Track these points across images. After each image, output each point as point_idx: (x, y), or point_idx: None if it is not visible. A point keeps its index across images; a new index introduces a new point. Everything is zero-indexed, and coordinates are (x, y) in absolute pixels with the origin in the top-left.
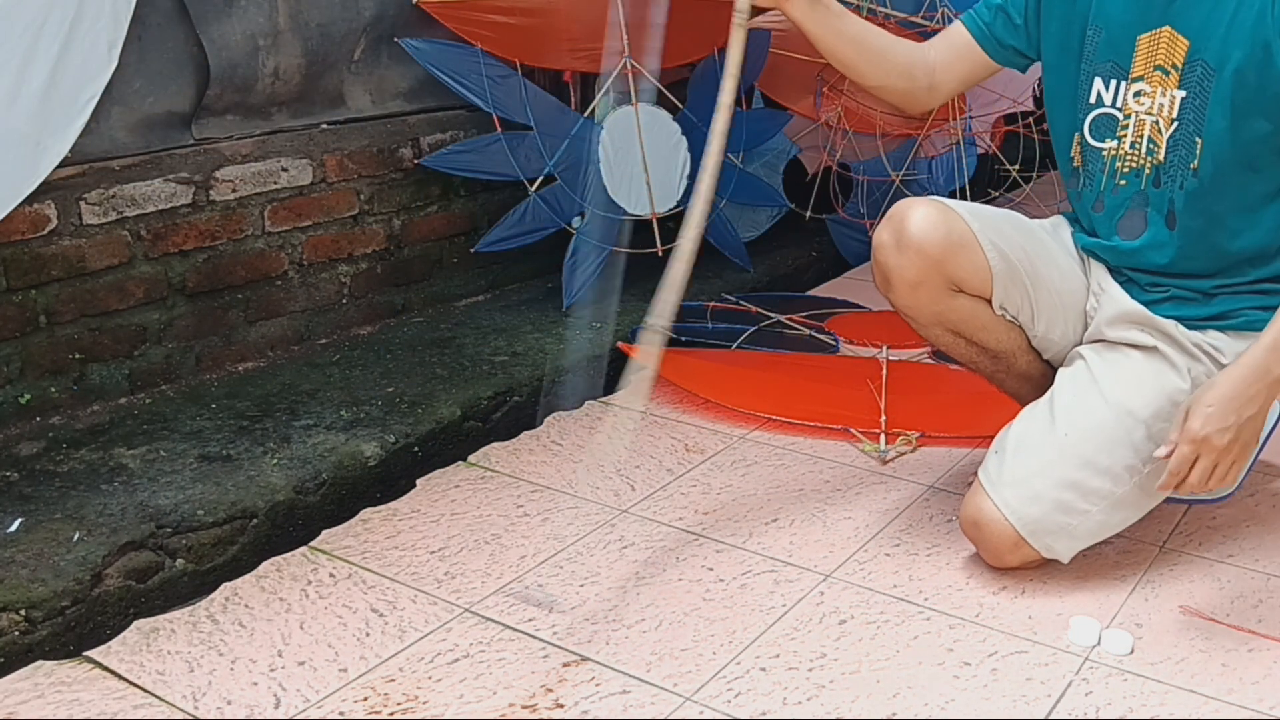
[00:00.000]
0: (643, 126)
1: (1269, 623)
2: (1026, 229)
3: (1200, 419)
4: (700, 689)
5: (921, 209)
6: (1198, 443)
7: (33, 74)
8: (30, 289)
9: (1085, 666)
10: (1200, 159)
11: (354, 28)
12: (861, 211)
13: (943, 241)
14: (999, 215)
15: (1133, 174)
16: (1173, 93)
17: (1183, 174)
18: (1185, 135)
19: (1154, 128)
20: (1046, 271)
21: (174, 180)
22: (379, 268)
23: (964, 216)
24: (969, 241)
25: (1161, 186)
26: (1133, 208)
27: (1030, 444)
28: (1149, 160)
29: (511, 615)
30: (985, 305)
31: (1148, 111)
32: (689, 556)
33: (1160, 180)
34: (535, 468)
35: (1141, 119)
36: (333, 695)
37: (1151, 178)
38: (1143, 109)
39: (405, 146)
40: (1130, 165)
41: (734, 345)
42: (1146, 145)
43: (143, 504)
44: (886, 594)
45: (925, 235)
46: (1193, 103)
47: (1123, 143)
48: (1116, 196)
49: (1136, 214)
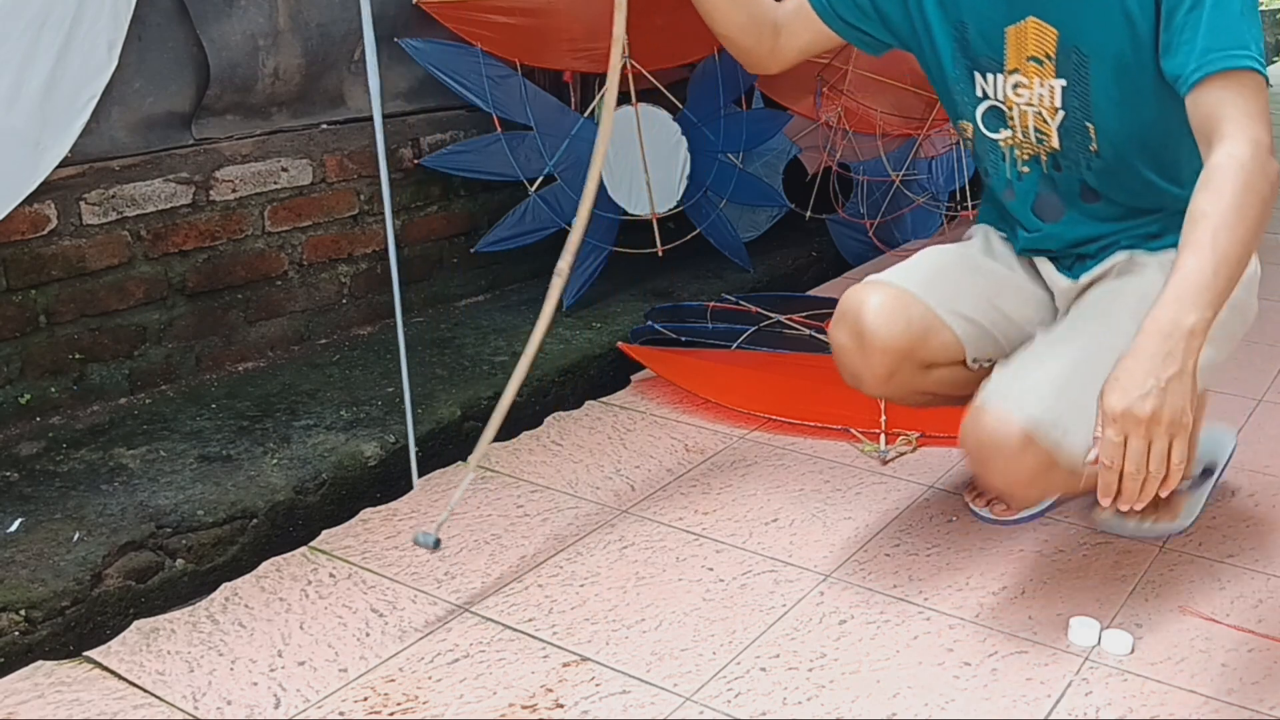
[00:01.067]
0: (643, 126)
1: (1269, 623)
2: (976, 268)
3: (1114, 393)
4: (700, 689)
5: (873, 301)
6: (1119, 419)
7: (33, 74)
8: (30, 289)
9: (1085, 666)
10: (1097, 142)
11: (354, 28)
12: (861, 211)
13: (905, 333)
14: (950, 267)
15: (1032, 160)
16: (1051, 82)
17: (1085, 157)
18: (1075, 122)
19: (1038, 118)
20: (1011, 306)
21: (174, 180)
22: (379, 268)
23: (917, 294)
24: (931, 322)
25: (1064, 170)
26: (1042, 192)
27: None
28: (1042, 148)
29: (511, 615)
30: (960, 367)
31: (1028, 103)
32: (689, 556)
33: (1060, 165)
34: (535, 468)
35: (1024, 110)
36: (333, 695)
37: (1050, 163)
38: (1023, 100)
39: (405, 146)
40: (1028, 153)
41: (734, 345)
42: (1035, 135)
43: (143, 504)
44: (886, 594)
45: (886, 332)
46: (1075, 90)
47: (1015, 132)
48: (1023, 183)
49: (1049, 197)
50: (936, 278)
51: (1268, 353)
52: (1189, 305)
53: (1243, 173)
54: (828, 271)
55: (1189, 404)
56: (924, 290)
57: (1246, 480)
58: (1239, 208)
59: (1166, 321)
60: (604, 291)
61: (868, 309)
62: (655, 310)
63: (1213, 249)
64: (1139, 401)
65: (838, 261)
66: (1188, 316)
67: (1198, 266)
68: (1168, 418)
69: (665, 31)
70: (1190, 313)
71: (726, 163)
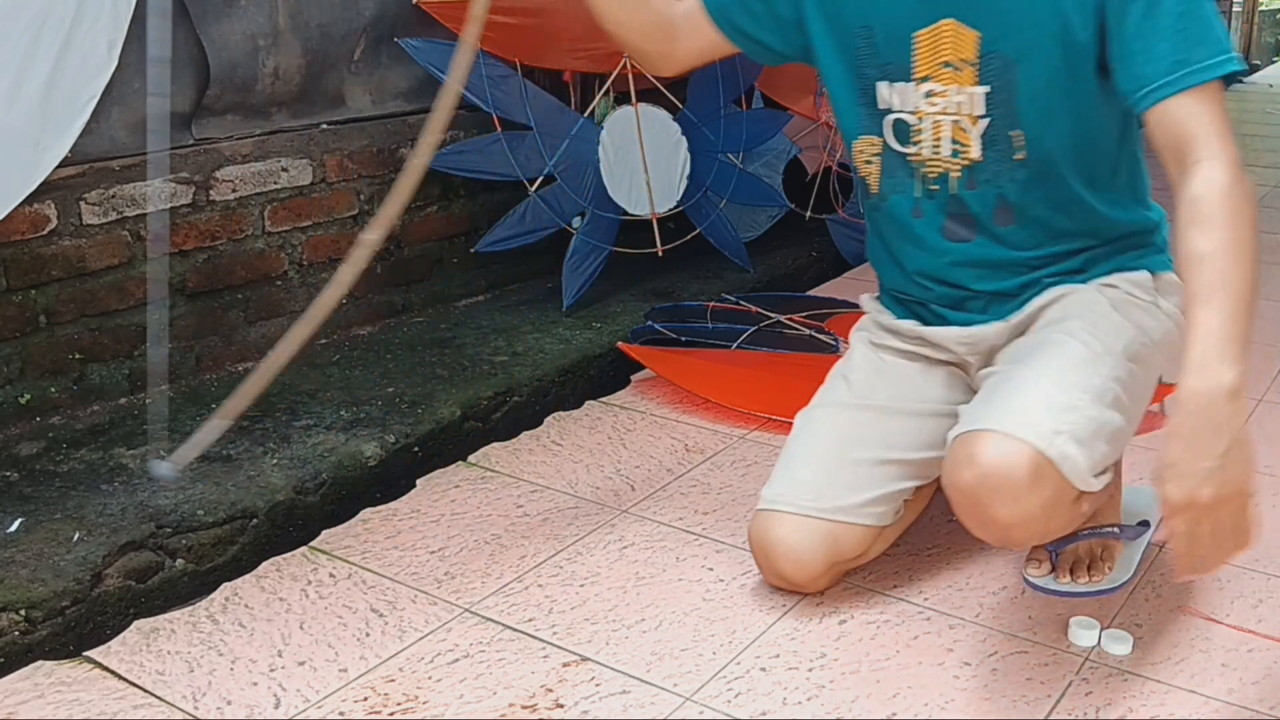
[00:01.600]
0: (642, 126)
1: (1269, 623)
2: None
3: (1172, 483)
4: (700, 689)
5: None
6: (1184, 511)
7: (33, 74)
8: (30, 289)
9: (1085, 666)
10: (1025, 150)
11: (354, 28)
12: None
13: (816, 560)
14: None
15: (940, 179)
16: (971, 90)
17: (1008, 168)
18: (999, 131)
19: (956, 127)
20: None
21: (174, 180)
22: (379, 268)
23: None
24: (835, 530)
25: (980, 187)
26: (952, 213)
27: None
28: (957, 163)
29: (511, 615)
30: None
31: (943, 112)
32: (689, 556)
33: (977, 181)
34: (535, 468)
35: (938, 120)
36: (333, 695)
37: (962, 181)
38: (936, 110)
39: (405, 146)
40: (935, 170)
41: (734, 345)
42: (950, 147)
43: (143, 504)
44: (886, 594)
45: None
46: (999, 96)
47: (921, 148)
48: (933, 202)
49: (962, 219)
50: (825, 473)
51: (1267, 353)
52: (1221, 364)
53: (1230, 200)
54: (828, 271)
55: (1248, 469)
56: (816, 499)
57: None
58: (1237, 241)
59: (1204, 390)
60: (604, 291)
61: (776, 556)
62: (655, 310)
63: (1225, 293)
64: (1199, 489)
65: (838, 261)
66: (1224, 376)
67: (1215, 318)
68: (1231, 493)
69: None
70: (1225, 372)
71: (726, 163)
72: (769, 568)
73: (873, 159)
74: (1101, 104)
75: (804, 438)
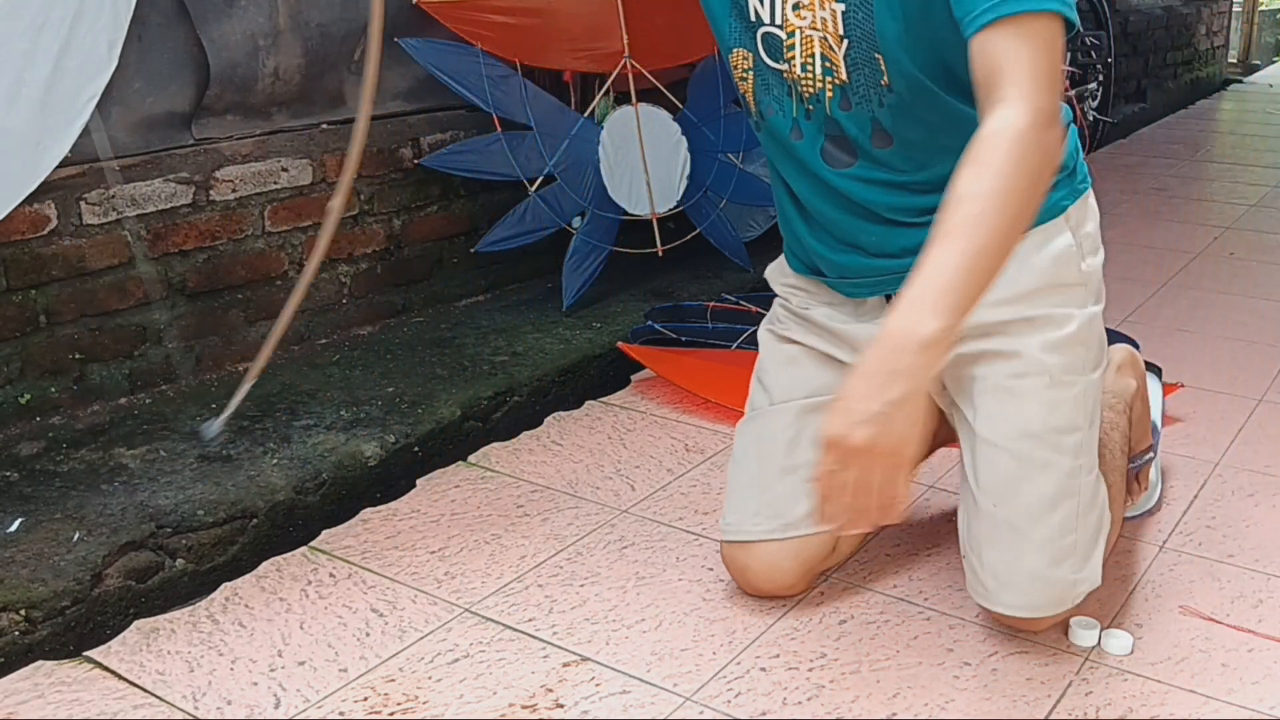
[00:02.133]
0: (642, 126)
1: (1269, 623)
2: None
3: (834, 418)
4: (700, 689)
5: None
6: (835, 448)
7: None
8: (30, 289)
9: (1085, 666)
10: (889, 75)
11: (354, 28)
12: None
13: (789, 575)
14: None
15: (814, 99)
16: (832, 6)
17: (876, 92)
18: (862, 53)
19: (824, 44)
20: None
21: (174, 180)
22: (379, 268)
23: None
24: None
25: (853, 109)
26: (830, 135)
27: (981, 536)
28: (828, 81)
29: (511, 615)
30: None
31: (811, 26)
32: (689, 556)
33: (850, 102)
34: (535, 468)
35: (808, 35)
36: (333, 695)
37: (836, 100)
38: (805, 23)
39: (405, 146)
40: (809, 89)
41: (734, 345)
42: (820, 65)
43: (143, 504)
44: (886, 594)
45: (776, 588)
46: (855, 16)
47: (793, 65)
48: (811, 123)
49: (840, 141)
50: (766, 490)
51: (1267, 353)
52: (928, 311)
53: (1016, 146)
54: None
55: (914, 432)
56: (766, 521)
57: (1246, 480)
58: (1005, 191)
59: (898, 333)
60: (604, 291)
61: (750, 579)
62: (655, 310)
63: (968, 239)
64: (855, 428)
65: None
66: (925, 325)
67: (946, 262)
68: (885, 448)
69: (665, 31)
70: (929, 320)
71: (726, 163)
72: (746, 587)
73: (746, 74)
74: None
75: (740, 457)
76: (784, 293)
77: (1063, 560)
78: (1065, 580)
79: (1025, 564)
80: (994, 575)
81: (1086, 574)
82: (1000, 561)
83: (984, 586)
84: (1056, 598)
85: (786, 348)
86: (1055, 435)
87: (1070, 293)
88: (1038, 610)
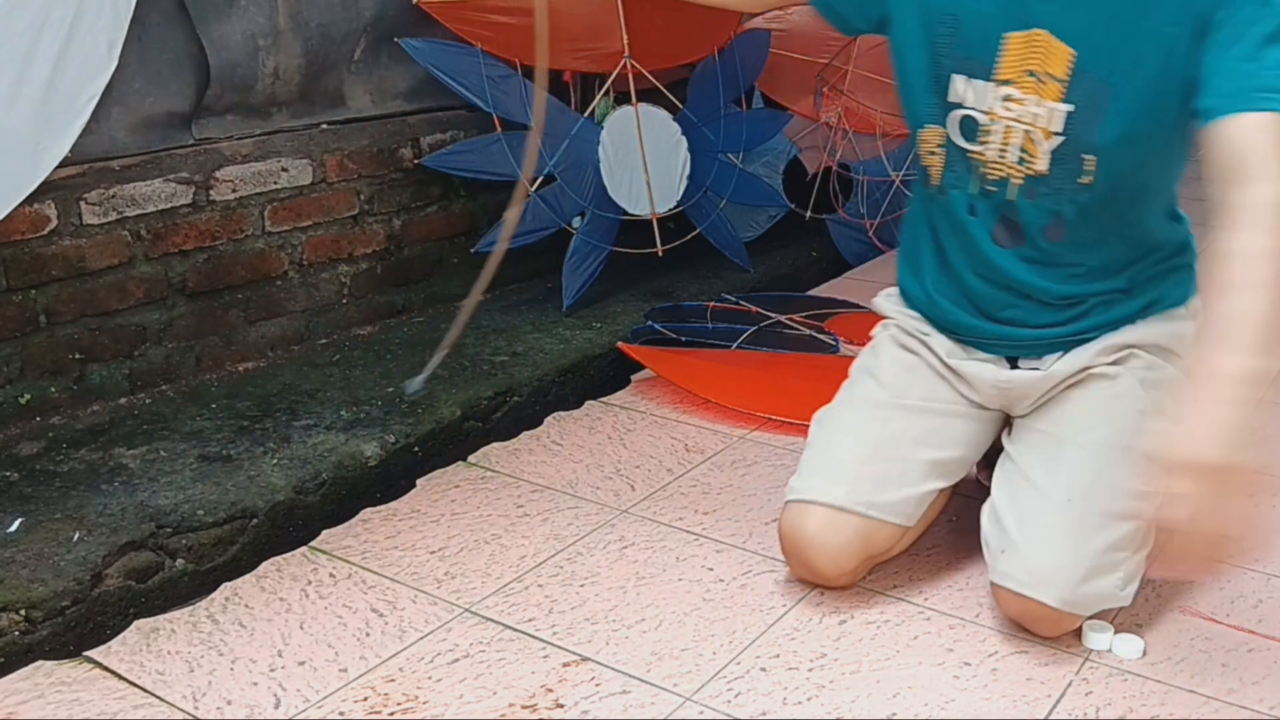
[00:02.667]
0: (642, 126)
1: (1269, 623)
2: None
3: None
4: (700, 689)
5: (811, 535)
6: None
7: (33, 74)
8: (30, 289)
9: (1085, 666)
10: (1095, 175)
11: (354, 28)
12: (861, 211)
13: (849, 554)
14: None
15: (999, 183)
16: (1052, 105)
17: (1073, 188)
18: (1071, 151)
19: (1027, 138)
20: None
21: (174, 180)
22: (379, 268)
23: (845, 504)
24: (868, 527)
25: (1039, 199)
26: (1005, 216)
27: (1042, 524)
28: (1020, 170)
29: (511, 615)
30: None
31: (1017, 119)
32: (689, 556)
33: (1037, 192)
34: (535, 468)
35: (1010, 126)
36: (333, 695)
37: (1023, 189)
38: (1011, 115)
39: (405, 146)
40: (998, 174)
41: (734, 345)
42: (1018, 154)
43: (143, 504)
44: (886, 594)
45: (835, 567)
46: (1083, 118)
47: (986, 149)
48: (988, 202)
49: (1011, 225)
50: (858, 468)
51: None
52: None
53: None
54: (828, 271)
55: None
56: (850, 493)
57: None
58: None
59: (1220, 369)
60: (604, 291)
61: (809, 549)
62: (655, 310)
63: (1265, 292)
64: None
65: (838, 261)
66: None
67: (1252, 310)
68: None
69: (665, 31)
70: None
71: (726, 163)
72: (799, 560)
73: (937, 150)
74: (1180, 134)
75: (835, 433)
76: (902, 319)
77: (1111, 572)
78: (1106, 592)
79: (1080, 560)
80: (1044, 562)
81: (1125, 594)
82: (1055, 550)
83: (1030, 574)
84: (1091, 600)
85: (907, 356)
86: (1135, 456)
87: (1172, 357)
88: (1071, 607)
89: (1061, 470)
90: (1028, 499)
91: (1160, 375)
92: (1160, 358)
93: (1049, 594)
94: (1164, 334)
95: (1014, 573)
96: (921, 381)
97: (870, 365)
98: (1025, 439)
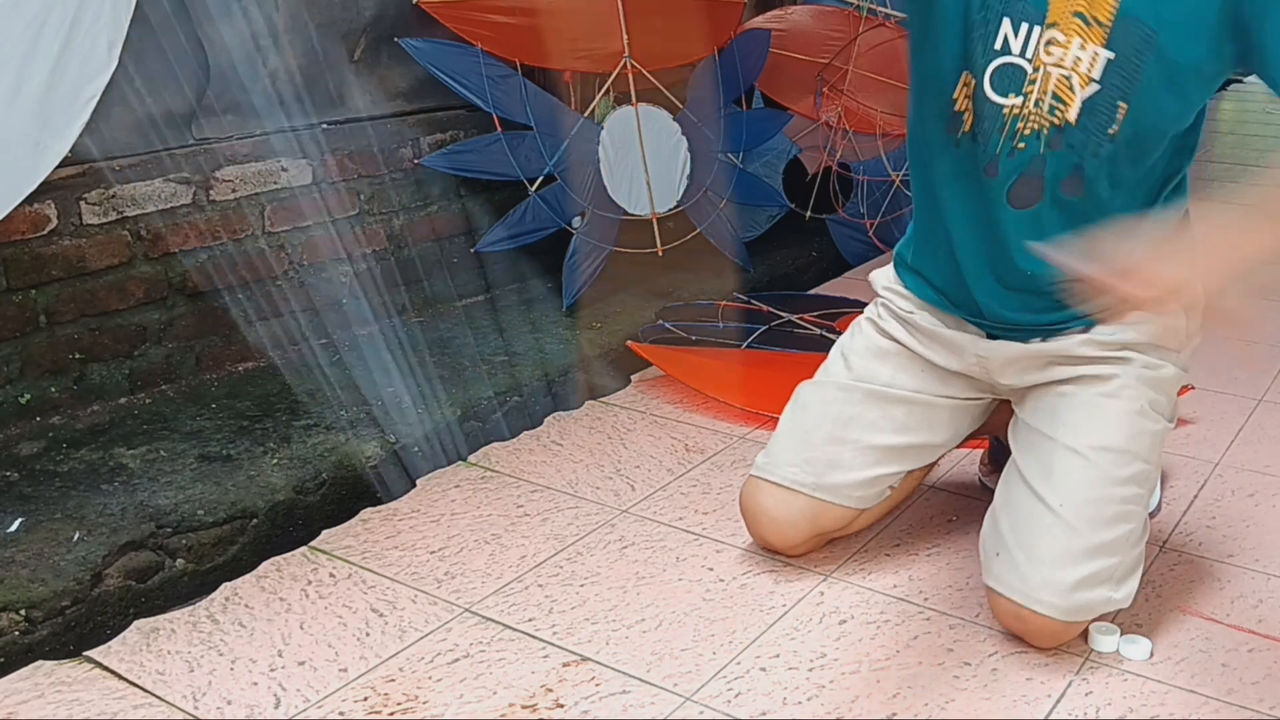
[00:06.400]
0: (642, 126)
1: (1269, 623)
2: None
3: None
4: (700, 689)
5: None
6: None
7: (33, 74)
8: (30, 289)
9: (1085, 666)
10: (1122, 125)
11: (354, 28)
12: (861, 211)
13: (799, 529)
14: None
15: (1033, 136)
16: (1096, 49)
17: (1099, 139)
18: (1106, 100)
19: (1062, 83)
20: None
21: (174, 180)
22: (379, 268)
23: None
24: (819, 511)
25: (1062, 149)
26: (1028, 173)
27: (1033, 531)
28: (1050, 120)
29: (511, 615)
30: None
31: (1057, 64)
32: (689, 556)
33: (1062, 143)
34: (535, 468)
35: (1049, 72)
36: (333, 695)
37: (1049, 139)
38: (1052, 60)
39: (405, 146)
40: (1032, 126)
41: (744, 345)
42: (1050, 102)
43: (143, 504)
44: (886, 594)
45: (784, 540)
46: (1122, 66)
47: (1028, 99)
48: (1014, 160)
49: (1032, 180)
50: (813, 449)
51: (1268, 353)
52: None
53: None
54: (828, 271)
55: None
56: (800, 473)
57: (1246, 480)
58: None
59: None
60: (604, 291)
61: (761, 523)
62: (666, 309)
63: None
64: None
65: (838, 261)
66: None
67: None
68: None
69: (665, 31)
70: None
71: (726, 163)
72: (754, 531)
73: (968, 101)
74: (1210, 90)
75: (798, 411)
76: (889, 296)
77: (1105, 577)
78: (1101, 597)
79: (1071, 567)
80: (1036, 570)
81: (1120, 596)
82: (1049, 555)
83: (1023, 581)
84: (1086, 606)
85: (882, 341)
86: (1129, 458)
87: (1168, 354)
88: (1067, 614)
89: (1056, 474)
90: (1022, 503)
91: (1158, 374)
92: (1156, 356)
93: (1043, 603)
94: (1159, 332)
95: (1008, 578)
96: (888, 367)
97: (846, 345)
98: (1024, 439)
